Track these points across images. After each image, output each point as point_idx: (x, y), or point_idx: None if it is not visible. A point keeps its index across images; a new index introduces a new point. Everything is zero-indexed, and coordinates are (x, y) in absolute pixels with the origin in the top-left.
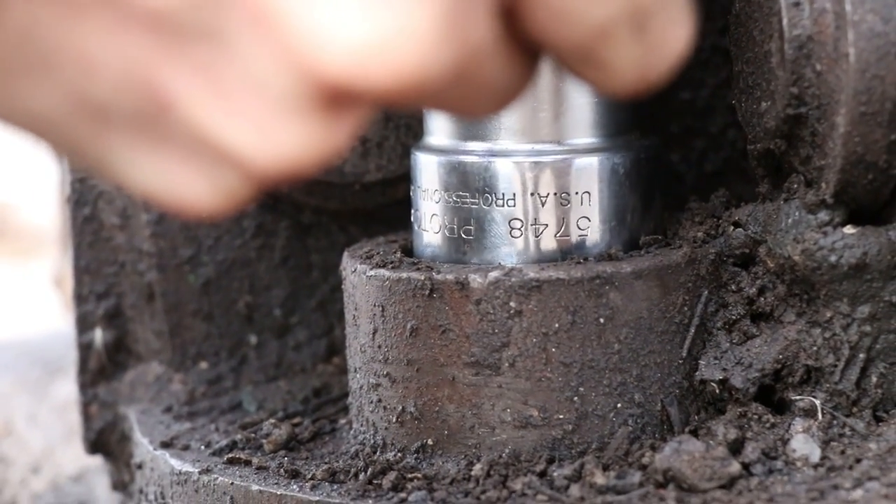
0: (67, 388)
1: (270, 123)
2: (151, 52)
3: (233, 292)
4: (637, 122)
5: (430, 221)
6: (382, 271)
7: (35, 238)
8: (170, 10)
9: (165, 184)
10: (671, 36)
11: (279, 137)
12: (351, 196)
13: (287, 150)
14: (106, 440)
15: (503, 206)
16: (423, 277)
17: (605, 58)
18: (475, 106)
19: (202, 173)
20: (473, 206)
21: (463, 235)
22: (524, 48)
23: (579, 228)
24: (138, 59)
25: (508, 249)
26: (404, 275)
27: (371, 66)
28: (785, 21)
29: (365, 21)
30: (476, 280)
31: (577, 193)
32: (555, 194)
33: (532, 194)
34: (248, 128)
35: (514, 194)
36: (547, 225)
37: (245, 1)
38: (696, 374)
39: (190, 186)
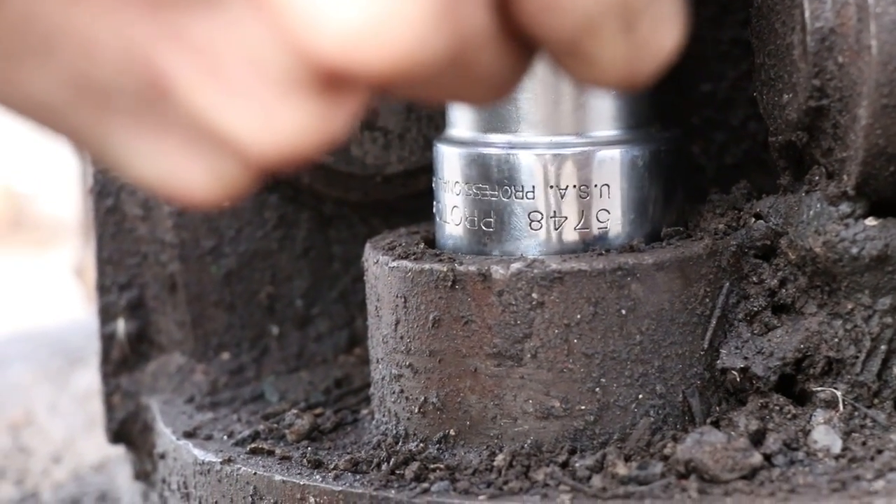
0: (88, 378)
1: (268, 106)
2: (150, 32)
3: (254, 283)
4: (658, 114)
5: (452, 213)
6: (405, 262)
7: (53, 228)
8: None
9: (165, 170)
10: (660, 35)
11: (277, 121)
12: (373, 187)
13: (285, 134)
14: (128, 430)
15: (523, 198)
16: (445, 269)
17: (592, 52)
18: (470, 94)
19: (202, 160)
20: (493, 199)
21: (483, 227)
22: (519, 39)
23: (599, 221)
24: (137, 40)
25: (528, 242)
26: (427, 266)
27: (364, 49)
28: (807, 13)
29: (359, 3)
30: (498, 271)
31: (596, 186)
32: (574, 186)
33: (552, 186)
34: (246, 110)
35: (534, 186)
36: (567, 217)
37: None
38: (718, 362)
39: (190, 173)
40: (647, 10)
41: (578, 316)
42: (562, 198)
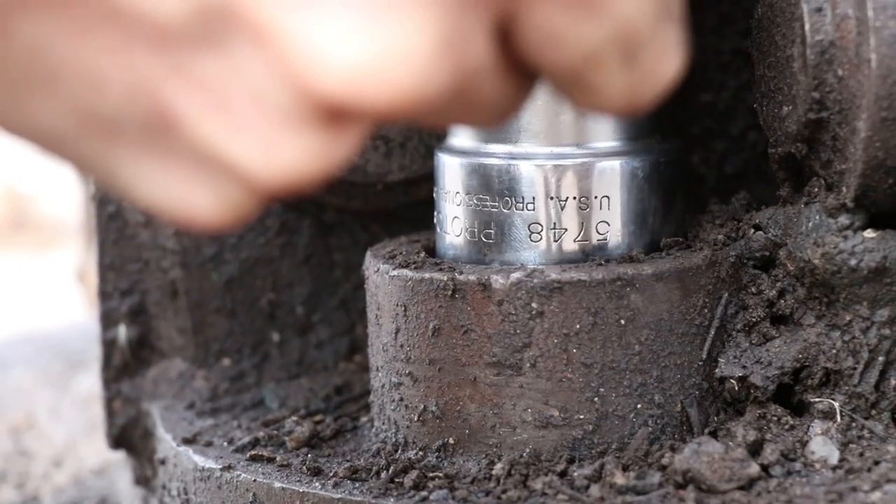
0: (89, 382)
1: (272, 138)
2: (156, 67)
3: (256, 290)
4: (658, 125)
5: (452, 224)
6: (405, 271)
7: (55, 229)
8: (174, 25)
9: (172, 197)
10: (661, 65)
11: (281, 152)
12: (374, 195)
13: (288, 164)
14: (129, 436)
15: (523, 209)
16: (445, 278)
17: (595, 82)
18: (471, 120)
19: (207, 187)
20: (494, 210)
21: (483, 239)
22: (520, 68)
23: (598, 233)
24: (144, 74)
25: (528, 253)
26: (427, 275)
27: (367, 86)
28: (807, 26)
29: (362, 41)
30: (498, 281)
31: (596, 197)
32: (574, 198)
33: (552, 198)
34: (251, 142)
35: (534, 198)
36: (567, 229)
37: (247, 18)
38: (716, 371)
39: (196, 199)
40: (649, 41)
41: (578, 326)
42: (562, 209)
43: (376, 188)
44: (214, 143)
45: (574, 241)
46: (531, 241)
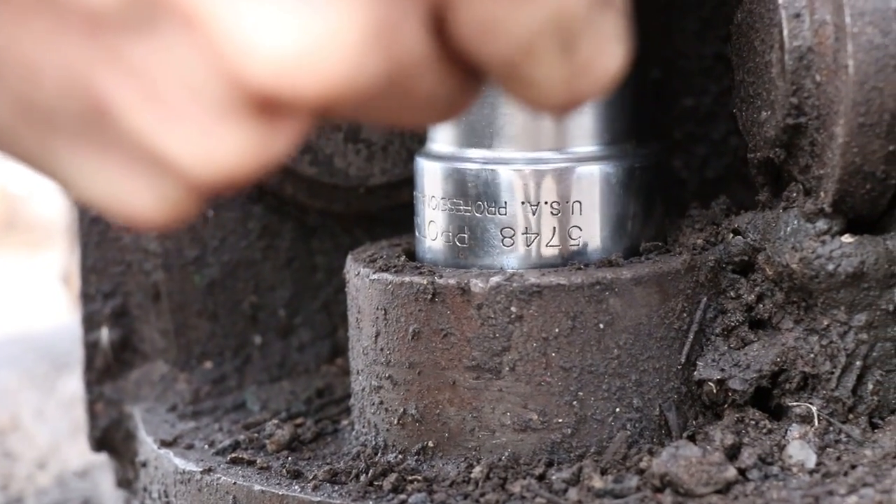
0: (74, 384)
1: (204, 130)
2: (89, 55)
3: (238, 293)
4: (635, 130)
5: (429, 228)
6: (385, 275)
7: (45, 230)
8: (106, 11)
9: (110, 191)
10: (602, 56)
11: (214, 144)
12: (356, 199)
13: (222, 158)
14: (111, 438)
15: (495, 213)
16: (425, 282)
17: (531, 75)
18: (415, 116)
19: (145, 182)
20: (467, 214)
21: (457, 243)
22: (460, 62)
23: (571, 238)
24: (78, 63)
25: (502, 258)
26: (407, 279)
27: (296, 76)
28: (785, 32)
29: (291, 30)
30: (478, 285)
31: (569, 202)
32: (547, 203)
33: (524, 203)
34: (183, 134)
35: (507, 202)
36: (540, 234)
37: (179, 6)
38: (695, 373)
39: (134, 195)
40: (585, 31)
41: (556, 330)
42: (535, 214)
43: (358, 191)
44: (148, 134)
45: (548, 245)
46: (503, 245)
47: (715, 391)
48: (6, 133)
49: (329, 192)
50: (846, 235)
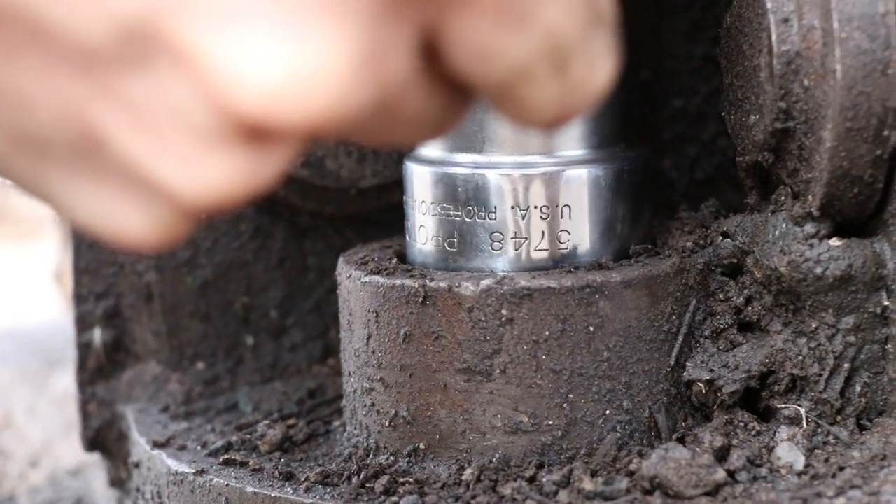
0: (67, 381)
1: (195, 157)
2: (82, 88)
3: (230, 294)
4: (624, 133)
5: (419, 232)
6: (377, 278)
7: (35, 222)
8: (98, 47)
9: (104, 215)
10: (592, 74)
11: (205, 171)
12: (347, 200)
13: (214, 183)
14: (104, 438)
15: (485, 218)
16: (416, 285)
17: (524, 95)
18: (405, 136)
19: (138, 206)
20: (457, 219)
21: (447, 247)
22: (450, 82)
23: (560, 242)
24: (71, 96)
25: (491, 262)
26: (398, 282)
27: (285, 104)
28: (774, 37)
29: (279, 58)
30: (468, 288)
31: (558, 206)
32: (536, 207)
33: (513, 207)
34: (175, 161)
35: (496, 206)
36: (529, 238)
37: (167, 38)
38: (684, 374)
39: (127, 219)
40: (578, 52)
41: (547, 332)
42: (524, 218)
43: (350, 193)
44: (140, 162)
45: (538, 249)
46: (493, 249)
47: (704, 392)
48: (2, 160)
49: (321, 193)
50: (834, 239)
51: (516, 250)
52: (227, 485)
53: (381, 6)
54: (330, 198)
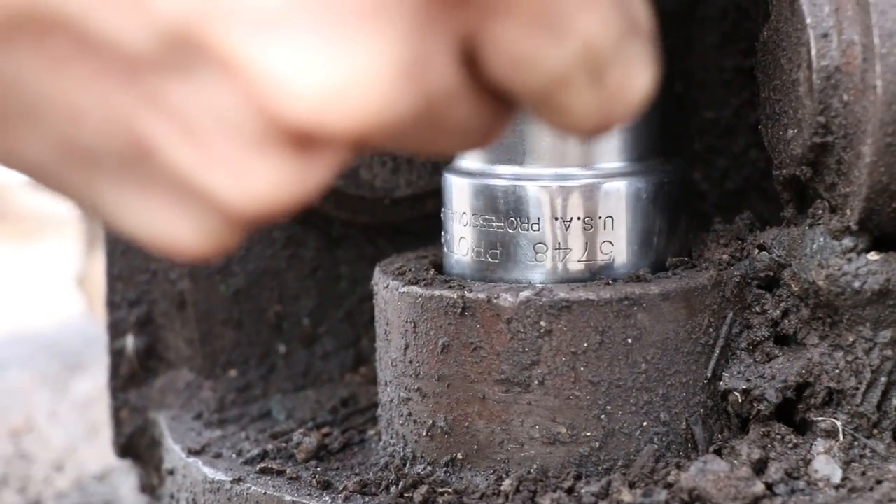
0: (87, 385)
1: (243, 166)
2: (129, 98)
3: (262, 302)
4: (662, 145)
5: (459, 244)
6: (415, 288)
7: (39, 221)
8: (143, 55)
9: (153, 226)
10: (631, 83)
11: (253, 179)
12: (381, 210)
13: (262, 192)
14: (136, 444)
15: (528, 230)
16: (455, 296)
17: (564, 103)
18: (450, 145)
19: (187, 216)
20: (500, 230)
21: (489, 259)
22: (492, 90)
23: (602, 252)
24: (118, 106)
25: (533, 274)
26: (437, 292)
27: (329, 112)
28: (813, 52)
29: (324, 68)
30: (507, 299)
31: (601, 218)
32: (579, 218)
33: (557, 218)
34: (223, 171)
35: (539, 218)
36: (571, 249)
37: (212, 46)
38: (720, 384)
39: (176, 228)
40: (615, 60)
41: (585, 344)
42: (566, 229)
43: (383, 203)
44: (189, 172)
45: (578, 260)
46: (536, 260)
47: (740, 401)
48: (52, 172)
49: (355, 203)
50: (872, 253)
51: (557, 261)
52: (265, 493)
53: (421, 15)
54: (364, 207)
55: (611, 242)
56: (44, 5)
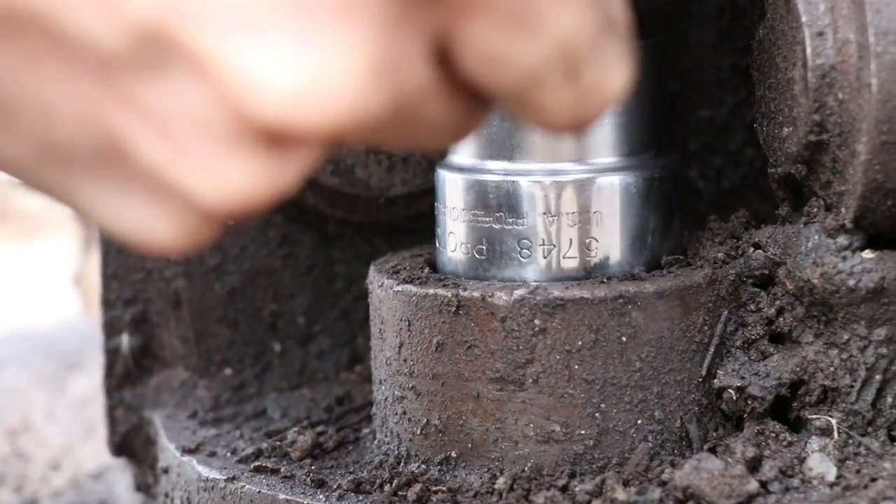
0: (84, 384)
1: (216, 164)
2: (102, 96)
3: (257, 300)
4: (655, 141)
5: (448, 239)
6: (409, 287)
7: (39, 220)
8: (115, 54)
9: (129, 222)
10: (606, 80)
11: (226, 177)
12: (376, 209)
13: (235, 189)
14: (130, 443)
15: (513, 224)
16: (449, 294)
17: (539, 101)
18: (423, 141)
19: (162, 211)
20: (485, 225)
21: (476, 255)
22: (466, 88)
23: (590, 249)
24: (92, 104)
25: (522, 271)
26: (431, 291)
27: (302, 110)
28: (808, 50)
29: (296, 66)
30: (501, 298)
31: (590, 213)
32: (568, 213)
33: (545, 213)
34: (197, 168)
35: (527, 213)
36: (563, 245)
37: (184, 44)
38: (714, 381)
39: (152, 224)
40: (590, 57)
41: (580, 342)
42: (555, 225)
43: (379, 201)
44: (162, 169)
45: (566, 256)
46: (522, 257)
47: (735, 398)
48: (29, 169)
49: (350, 202)
50: (867, 251)
51: (545, 258)
52: (259, 492)
53: (393, 13)
54: (359, 206)
55: (597, 239)
56: (16, 3)
